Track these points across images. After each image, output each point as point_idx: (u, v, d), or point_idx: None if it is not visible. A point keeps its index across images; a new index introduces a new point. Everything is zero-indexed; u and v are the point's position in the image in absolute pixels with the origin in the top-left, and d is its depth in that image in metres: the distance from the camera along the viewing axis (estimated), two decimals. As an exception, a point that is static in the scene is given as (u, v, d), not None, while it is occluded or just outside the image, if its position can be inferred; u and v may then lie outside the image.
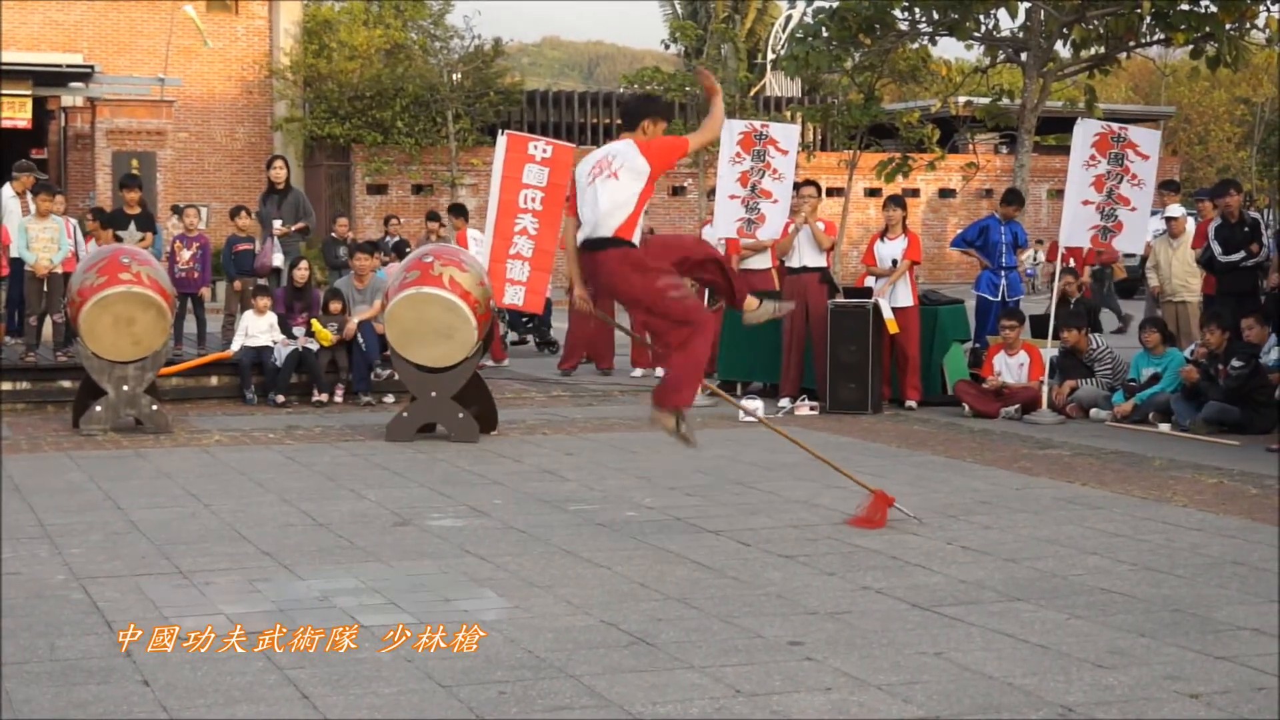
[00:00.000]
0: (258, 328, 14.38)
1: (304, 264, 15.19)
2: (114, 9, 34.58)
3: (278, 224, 16.00)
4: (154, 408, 12.36)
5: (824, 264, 14.40)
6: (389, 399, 14.28)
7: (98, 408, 12.28)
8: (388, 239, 20.04)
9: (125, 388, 12.25)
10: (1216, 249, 13.68)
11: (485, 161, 31.19)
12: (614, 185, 7.87)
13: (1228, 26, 17.31)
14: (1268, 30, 17.35)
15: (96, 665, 5.77)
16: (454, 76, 35.40)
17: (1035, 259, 32.24)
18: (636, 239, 7.95)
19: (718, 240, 14.91)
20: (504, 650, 5.96)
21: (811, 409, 13.75)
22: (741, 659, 5.86)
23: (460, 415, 11.97)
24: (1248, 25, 17.57)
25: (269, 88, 35.66)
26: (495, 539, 8.17)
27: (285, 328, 14.47)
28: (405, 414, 12.15)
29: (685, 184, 34.57)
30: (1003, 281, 15.28)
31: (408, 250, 18.57)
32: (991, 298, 15.32)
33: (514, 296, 13.57)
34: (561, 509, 9.08)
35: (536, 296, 13.82)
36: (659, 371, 16.76)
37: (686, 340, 7.97)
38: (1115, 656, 5.91)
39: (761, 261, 14.98)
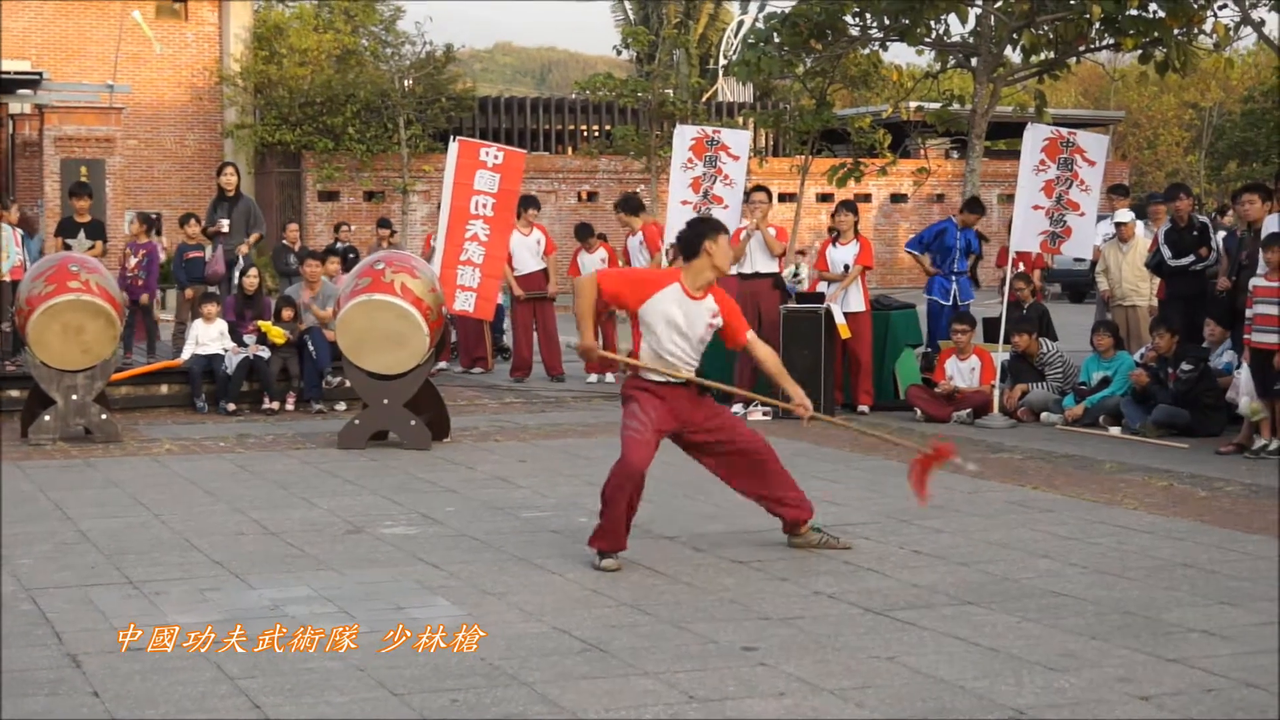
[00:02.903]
0: (208, 336, 14.28)
1: (254, 271, 15.11)
2: (62, 15, 34.29)
3: (225, 224, 15.92)
4: (103, 417, 12.27)
5: (776, 269, 14.43)
6: (341, 406, 14.22)
7: (46, 417, 12.16)
8: (339, 245, 19.98)
9: (74, 397, 12.15)
10: (1166, 253, 13.78)
11: (437, 168, 31.11)
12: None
13: (1176, 32, 17.44)
14: (1215, 35, 17.50)
15: (45, 677, 5.72)
16: (405, 82, 35.27)
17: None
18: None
19: (668, 248, 14.92)
20: (456, 658, 5.95)
21: (764, 414, 13.75)
22: (695, 665, 5.87)
23: (412, 422, 11.93)
24: (1195, 30, 17.71)
25: (219, 94, 35.43)
26: (448, 546, 8.15)
27: (236, 335, 14.38)
28: (357, 421, 12.10)
29: (638, 189, 34.53)
30: (954, 286, 15.34)
31: (353, 256, 18.52)
32: (943, 302, 15.38)
33: (465, 303, 13.54)
34: (514, 516, 9.06)
35: (487, 303, 13.79)
36: (609, 377, 16.81)
37: None
38: (1066, 659, 5.94)
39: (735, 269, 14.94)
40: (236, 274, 15.38)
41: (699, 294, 7.74)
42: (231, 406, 13.95)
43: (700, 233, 7.79)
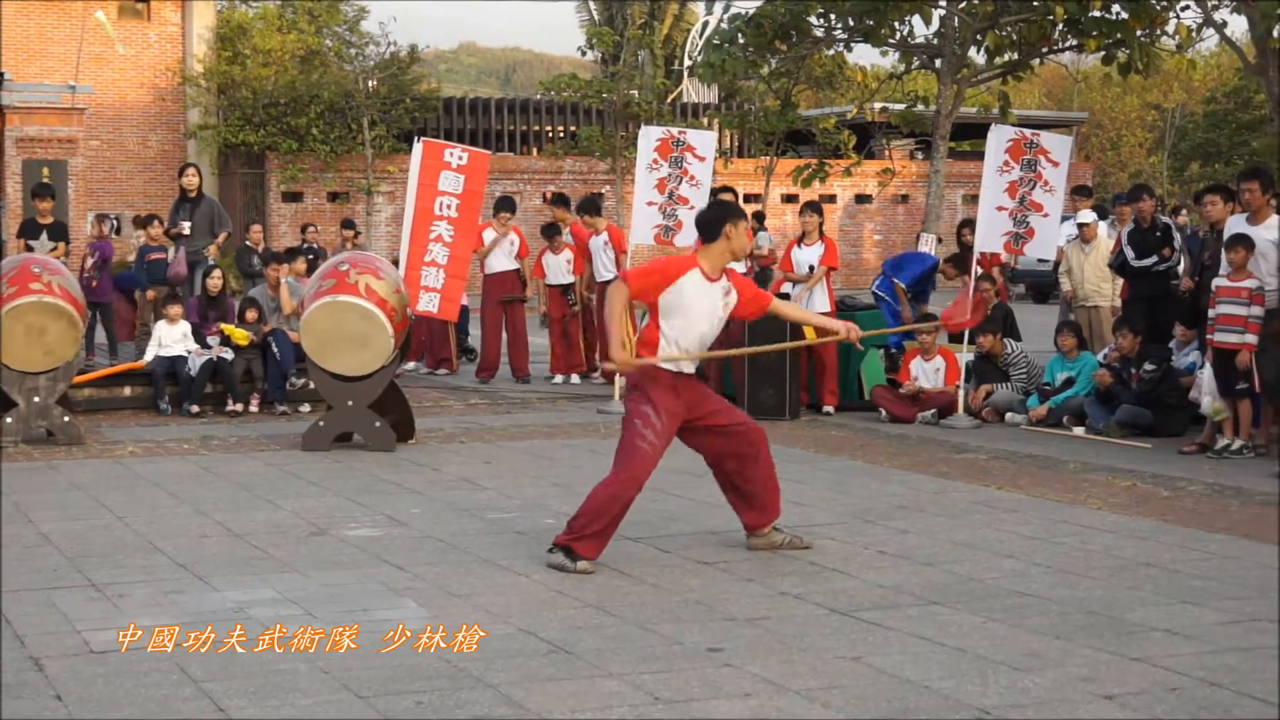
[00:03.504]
0: (171, 337, 14.20)
1: (218, 273, 15.04)
2: (24, 15, 34.09)
3: (186, 225, 15.84)
4: (66, 419, 12.18)
5: (742, 271, 14.42)
6: (305, 408, 14.16)
7: (9, 419, 12.07)
8: (304, 246, 19.88)
9: (36, 399, 12.06)
10: (1129, 254, 13.84)
11: (401, 169, 31.01)
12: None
13: (1139, 33, 17.53)
14: (1178, 37, 17.59)
15: (8, 680, 5.67)
16: (370, 83, 35.19)
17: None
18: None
19: (634, 248, 14.94)
20: (421, 659, 5.93)
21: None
22: (660, 666, 5.86)
23: (377, 424, 11.89)
24: (1158, 32, 17.78)
25: (182, 94, 35.29)
26: (413, 548, 8.12)
27: (199, 337, 14.30)
28: (321, 423, 12.04)
29: (603, 190, 34.55)
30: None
31: (315, 258, 18.42)
32: (895, 306, 15.43)
33: (429, 304, 13.50)
34: (479, 517, 9.03)
35: (452, 304, 13.75)
36: (574, 379, 16.78)
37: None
38: (1031, 659, 5.95)
39: None
40: (199, 275, 15.30)
41: (716, 276, 7.76)
42: (195, 408, 13.87)
43: (721, 217, 7.79)
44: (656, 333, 7.72)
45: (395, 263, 13.84)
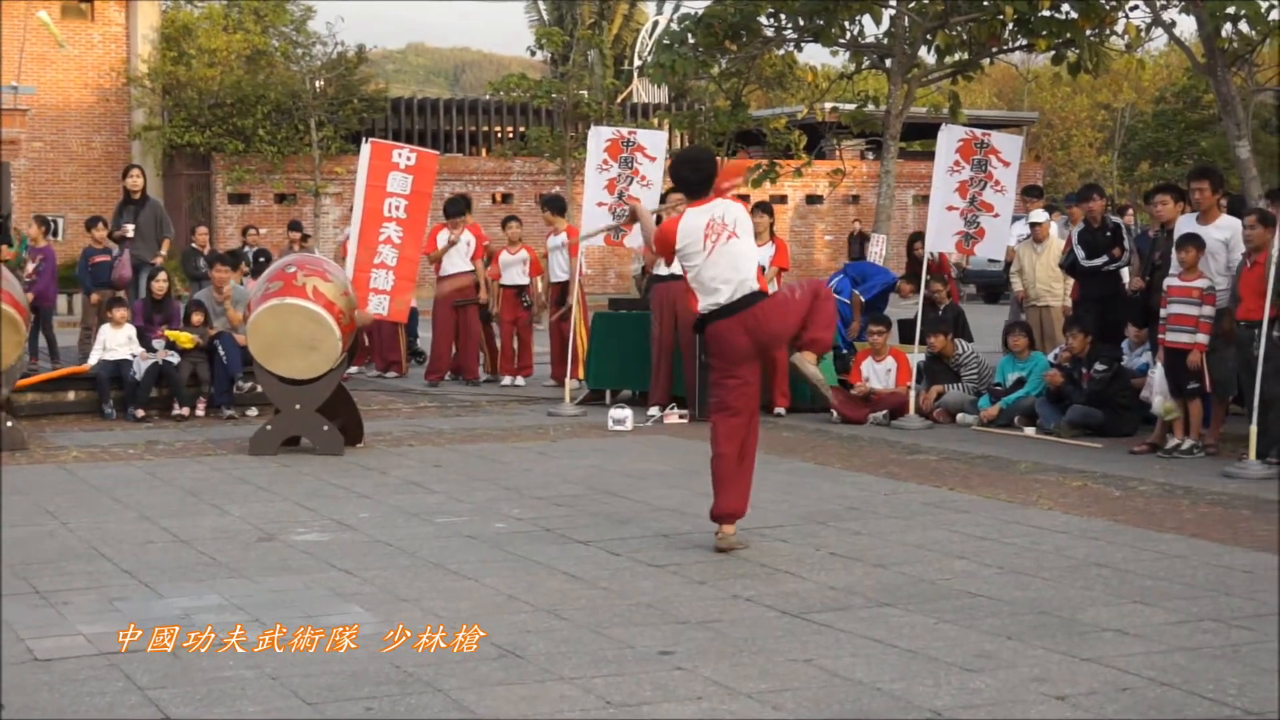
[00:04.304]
0: (116, 341, 14.06)
1: (163, 276, 14.90)
2: (-37, 15, 33.72)
3: (130, 228, 15.70)
4: (9, 424, 12.02)
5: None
6: (252, 412, 14.05)
7: (-51, 424, 11.91)
8: (247, 249, 19.75)
9: (-22, 403, 11.91)
10: (1079, 254, 13.89)
11: (349, 170, 30.82)
12: (741, 244, 8.05)
13: (1088, 33, 17.59)
14: (1127, 36, 17.65)
15: (-55, 692, 5.58)
16: (317, 83, 35.02)
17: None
18: None
19: (584, 249, 14.89)
20: (371, 665, 5.88)
21: (681, 417, 13.74)
22: (612, 670, 5.83)
23: (325, 428, 11.80)
24: (1108, 31, 17.84)
25: (126, 95, 34.97)
26: (361, 553, 8.05)
27: (144, 340, 14.17)
28: (269, 427, 11.94)
29: (554, 190, 34.46)
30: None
31: (264, 260, 18.30)
32: (846, 301, 15.47)
33: (378, 306, 13.40)
34: (429, 521, 8.98)
35: (400, 306, 13.66)
36: (519, 380, 16.72)
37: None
38: (982, 660, 5.95)
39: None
40: (144, 278, 15.16)
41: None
42: (140, 413, 13.73)
43: (710, 174, 8.26)
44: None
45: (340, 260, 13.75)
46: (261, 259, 18.87)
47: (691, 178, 8.30)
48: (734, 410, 8.12)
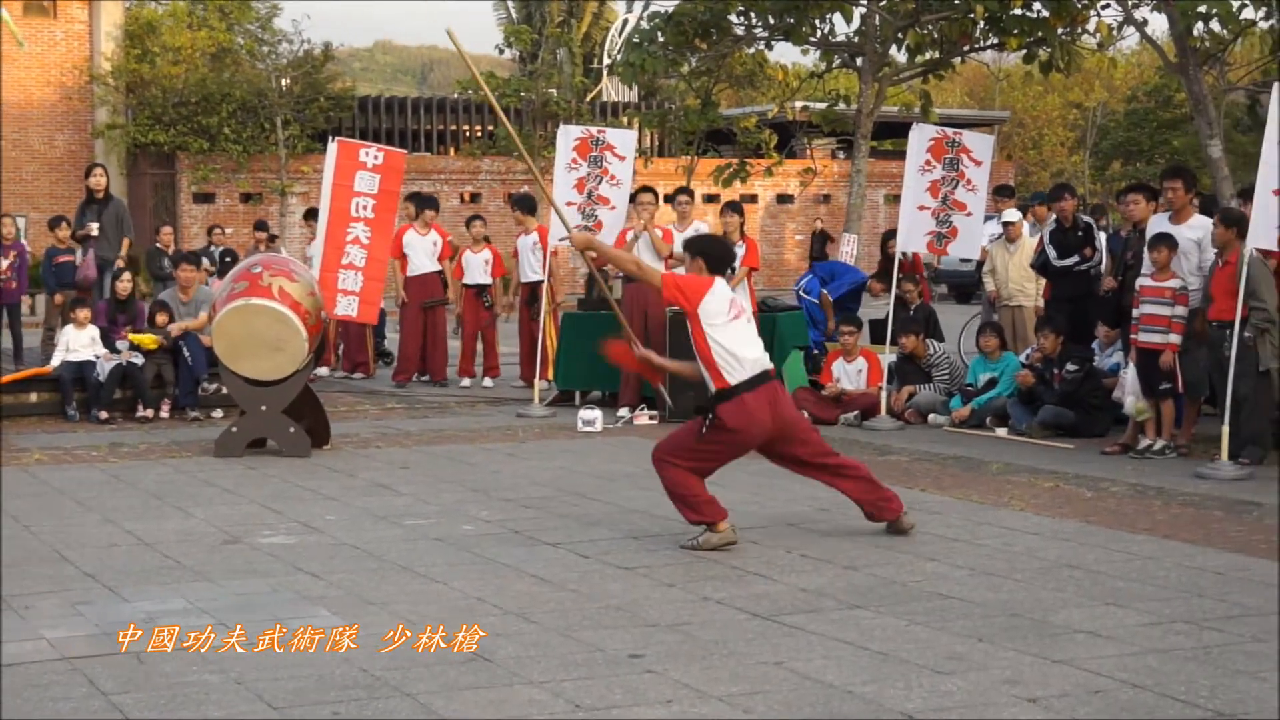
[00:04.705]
0: (79, 342, 13.94)
1: (127, 276, 14.77)
2: (-78, 14, 33.44)
3: (94, 227, 15.58)
4: (-30, 425, 11.91)
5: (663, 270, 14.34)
6: (217, 414, 13.95)
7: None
8: (213, 249, 19.63)
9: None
10: (1051, 253, 13.89)
11: (316, 169, 30.69)
12: (752, 328, 8.34)
13: (1059, 31, 17.61)
14: (1098, 35, 17.68)
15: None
16: (283, 82, 34.85)
17: None
18: None
19: (558, 241, 14.84)
20: (338, 669, 5.84)
21: (651, 418, 13.69)
22: (581, 673, 5.80)
23: (291, 429, 11.72)
24: (1079, 30, 17.89)
25: (89, 93, 34.74)
26: (328, 556, 8.01)
27: (108, 341, 14.05)
28: (234, 429, 11.86)
29: (523, 189, 34.35)
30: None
31: (230, 260, 18.20)
32: (815, 301, 15.47)
33: (347, 307, 13.31)
34: (396, 524, 8.93)
35: (370, 307, 13.56)
36: (487, 382, 16.64)
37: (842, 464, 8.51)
38: (954, 662, 5.93)
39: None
40: (108, 278, 15.03)
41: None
42: (104, 414, 13.62)
43: (728, 266, 8.65)
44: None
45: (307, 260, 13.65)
46: (228, 259, 18.77)
47: (716, 254, 8.48)
48: (708, 473, 8.29)
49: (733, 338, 8.05)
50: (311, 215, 18.54)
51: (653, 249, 14.13)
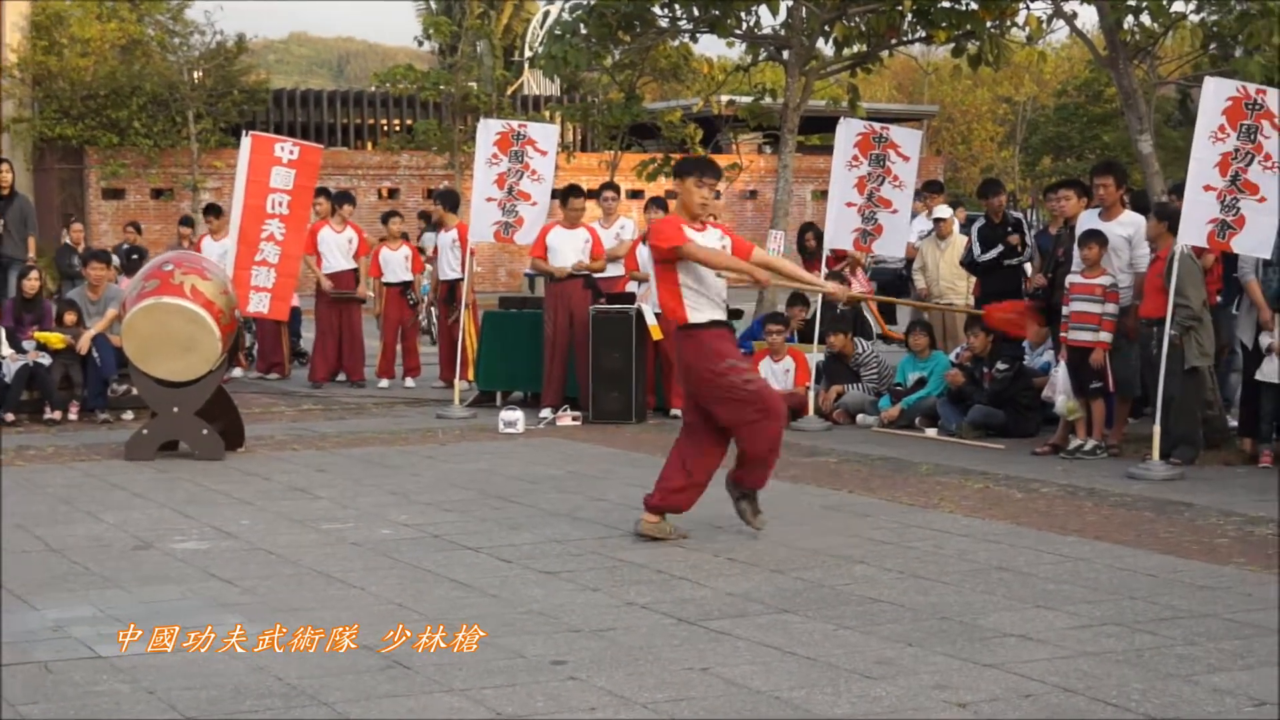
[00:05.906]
0: (-17, 342, 13.64)
1: (34, 274, 14.45)
2: None
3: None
4: None
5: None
6: (128, 416, 13.73)
7: None
8: (124, 246, 19.28)
9: None
10: (976, 249, 13.87)
11: (229, 164, 30.34)
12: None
13: (988, 24, 17.60)
14: (1028, 28, 17.67)
15: None
16: (195, 74, 34.44)
17: None
18: None
19: (473, 245, 14.72)
20: (252, 678, 5.75)
21: (574, 419, 13.55)
22: (503, 680, 5.72)
23: (204, 431, 11.52)
24: (1008, 23, 17.86)
25: (-5, 86, 34.10)
26: (243, 561, 7.89)
27: (14, 341, 13.74)
28: (145, 431, 11.67)
29: (442, 185, 34.12)
30: None
31: (138, 258, 17.86)
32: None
33: (259, 304, 13.06)
34: (313, 528, 8.81)
35: (282, 303, 13.32)
36: (409, 382, 16.45)
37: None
38: (883, 667, 5.88)
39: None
40: (14, 276, 14.71)
41: (701, 226, 8.51)
42: (10, 417, 13.37)
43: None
44: (676, 294, 8.25)
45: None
46: (134, 256, 18.41)
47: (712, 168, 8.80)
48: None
49: (713, 283, 8.37)
50: (211, 211, 18.24)
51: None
